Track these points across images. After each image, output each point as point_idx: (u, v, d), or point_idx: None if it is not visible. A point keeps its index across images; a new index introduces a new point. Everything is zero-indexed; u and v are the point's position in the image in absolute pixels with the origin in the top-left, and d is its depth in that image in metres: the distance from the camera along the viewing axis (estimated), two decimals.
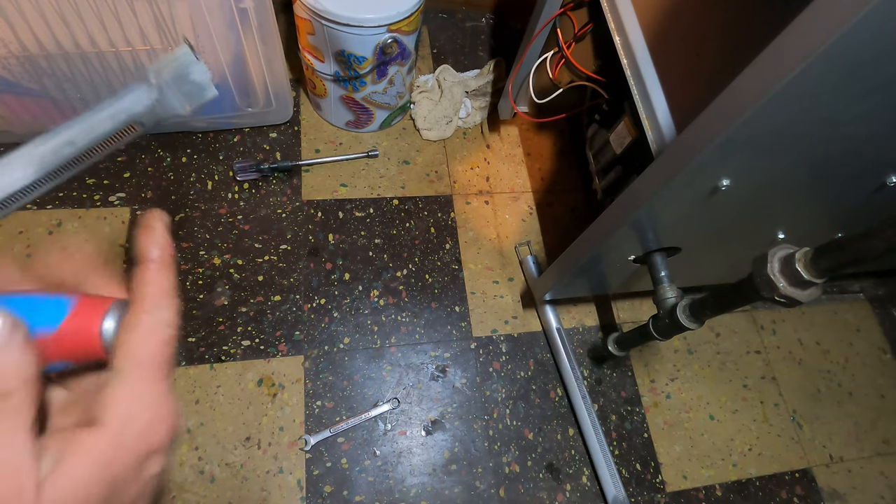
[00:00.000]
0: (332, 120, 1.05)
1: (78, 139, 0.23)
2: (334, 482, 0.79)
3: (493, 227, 1.03)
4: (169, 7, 0.74)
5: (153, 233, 0.22)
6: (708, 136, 0.45)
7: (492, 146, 1.12)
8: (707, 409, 0.96)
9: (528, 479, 0.84)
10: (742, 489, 0.91)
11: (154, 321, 0.21)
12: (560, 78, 0.94)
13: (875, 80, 0.39)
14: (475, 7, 1.26)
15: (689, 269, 0.80)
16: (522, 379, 0.91)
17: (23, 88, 0.80)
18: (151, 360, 0.20)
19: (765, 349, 1.05)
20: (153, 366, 0.20)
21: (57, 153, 0.23)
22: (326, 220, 0.97)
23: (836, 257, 0.43)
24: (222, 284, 0.88)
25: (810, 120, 0.43)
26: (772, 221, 0.67)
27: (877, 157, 0.53)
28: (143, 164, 0.94)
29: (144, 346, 0.20)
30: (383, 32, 0.82)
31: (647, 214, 0.58)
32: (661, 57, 0.62)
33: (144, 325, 0.21)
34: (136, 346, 0.20)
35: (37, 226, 0.86)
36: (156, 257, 0.22)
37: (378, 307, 0.92)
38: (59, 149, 0.23)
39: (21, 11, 0.70)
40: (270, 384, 0.83)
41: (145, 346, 0.20)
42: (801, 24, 0.36)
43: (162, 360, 0.21)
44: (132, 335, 0.20)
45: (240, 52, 0.84)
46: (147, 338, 0.20)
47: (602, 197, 0.89)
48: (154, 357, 0.20)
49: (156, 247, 0.22)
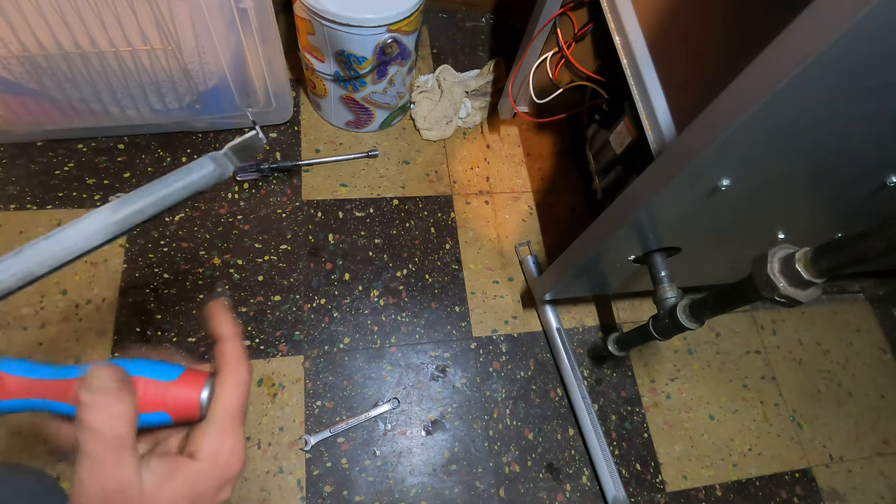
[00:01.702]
0: (332, 120, 1.05)
1: (147, 209, 0.28)
2: (334, 482, 0.79)
3: (493, 227, 1.03)
4: (169, 7, 0.74)
5: (222, 316, 0.29)
6: (708, 136, 0.45)
7: (492, 146, 1.12)
8: (707, 409, 0.96)
9: (528, 479, 0.84)
10: (742, 489, 0.91)
11: (235, 381, 0.27)
12: (560, 78, 0.94)
13: (875, 80, 0.39)
14: (475, 7, 1.26)
15: (689, 269, 0.80)
16: (522, 379, 0.91)
17: (23, 88, 0.80)
18: (233, 412, 0.27)
19: (765, 349, 1.05)
20: (234, 416, 0.27)
21: (129, 220, 0.27)
22: (326, 220, 0.97)
23: (836, 257, 0.43)
24: (222, 284, 0.88)
25: (810, 120, 0.43)
26: (772, 221, 0.67)
27: (877, 157, 0.53)
28: (143, 164, 0.94)
29: (229, 401, 0.27)
30: (383, 32, 0.82)
31: (647, 214, 0.58)
32: (661, 57, 0.62)
33: (229, 385, 0.27)
34: (224, 400, 0.27)
35: (37, 226, 0.86)
36: (229, 334, 0.29)
37: (378, 307, 0.92)
38: (131, 216, 0.27)
39: (21, 11, 0.70)
40: (270, 384, 0.83)
41: (229, 400, 0.27)
42: (802, 24, 0.36)
43: (240, 412, 0.27)
44: (220, 391, 0.27)
45: (240, 52, 0.84)
46: (231, 394, 0.27)
47: (602, 197, 0.89)
48: (235, 409, 0.27)
49: (226, 326, 0.29)
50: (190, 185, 0.28)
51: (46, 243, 0.25)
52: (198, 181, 0.29)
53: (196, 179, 0.29)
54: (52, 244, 0.25)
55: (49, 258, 0.25)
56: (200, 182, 0.29)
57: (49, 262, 0.25)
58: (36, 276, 0.26)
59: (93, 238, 0.26)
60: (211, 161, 0.29)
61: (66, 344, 0.80)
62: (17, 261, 0.25)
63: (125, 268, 0.86)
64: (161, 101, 0.88)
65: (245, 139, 0.30)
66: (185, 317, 0.85)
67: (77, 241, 0.26)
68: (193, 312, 0.85)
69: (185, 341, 0.83)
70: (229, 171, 0.30)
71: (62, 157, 0.92)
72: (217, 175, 0.29)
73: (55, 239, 0.26)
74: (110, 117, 0.89)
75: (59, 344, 0.80)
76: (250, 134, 0.30)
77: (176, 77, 0.84)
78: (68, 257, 0.26)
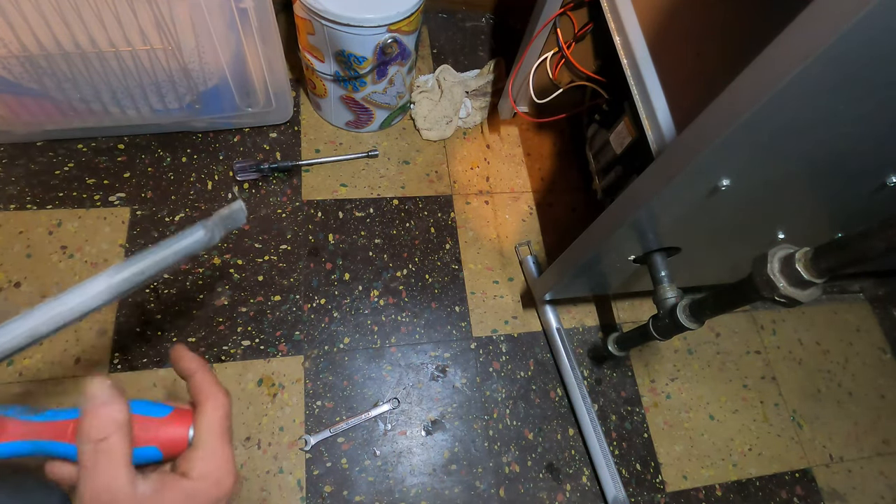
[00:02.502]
0: (332, 120, 1.05)
1: (146, 271, 0.31)
2: (334, 482, 0.79)
3: (493, 227, 1.03)
4: (169, 7, 0.74)
5: (185, 356, 0.31)
6: (708, 136, 0.45)
7: (492, 146, 1.12)
8: (707, 409, 0.96)
9: (528, 479, 0.84)
10: (742, 489, 0.91)
11: (213, 405, 0.29)
12: (560, 78, 0.94)
13: (875, 80, 0.39)
14: (475, 7, 1.26)
15: (689, 269, 0.80)
16: (522, 379, 0.91)
17: (23, 88, 0.80)
18: (218, 431, 0.29)
19: (765, 349, 1.05)
20: (220, 436, 0.29)
21: (127, 281, 0.30)
22: (326, 220, 0.97)
23: (836, 257, 0.43)
24: (222, 284, 0.88)
25: (810, 120, 0.43)
26: (772, 221, 0.67)
27: (877, 157, 0.53)
28: (143, 164, 0.94)
29: (212, 423, 0.29)
30: (383, 32, 0.82)
31: (647, 214, 0.58)
32: (661, 57, 0.62)
33: (209, 408, 0.29)
34: (206, 423, 0.29)
35: (37, 226, 0.86)
36: (197, 367, 0.31)
37: (378, 307, 0.92)
38: (132, 278, 0.30)
39: (21, 11, 0.70)
40: (270, 384, 0.83)
41: (212, 422, 0.29)
42: (801, 24, 0.36)
43: (225, 431, 0.29)
44: (201, 417, 0.29)
45: (240, 52, 0.84)
46: (212, 416, 0.29)
47: (602, 197, 0.89)
48: (220, 429, 0.29)
49: (192, 362, 0.31)
50: (182, 249, 0.32)
51: (54, 303, 0.28)
52: (190, 246, 0.32)
53: (189, 244, 0.32)
54: (59, 304, 0.28)
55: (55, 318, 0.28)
56: (192, 247, 0.32)
57: (55, 321, 0.28)
58: (42, 335, 0.28)
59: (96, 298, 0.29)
60: (202, 228, 0.33)
61: (66, 344, 0.80)
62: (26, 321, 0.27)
63: None
64: (161, 101, 0.88)
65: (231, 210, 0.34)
66: (185, 317, 0.85)
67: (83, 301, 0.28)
68: (193, 312, 0.85)
69: (184, 341, 0.83)
70: (216, 238, 0.34)
71: (62, 157, 0.92)
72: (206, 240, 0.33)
73: (61, 300, 0.28)
74: (110, 117, 0.89)
75: (58, 344, 0.80)
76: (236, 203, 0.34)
77: (176, 77, 0.84)
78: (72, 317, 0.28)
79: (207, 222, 0.33)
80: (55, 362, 0.79)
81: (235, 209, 0.34)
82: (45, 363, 0.78)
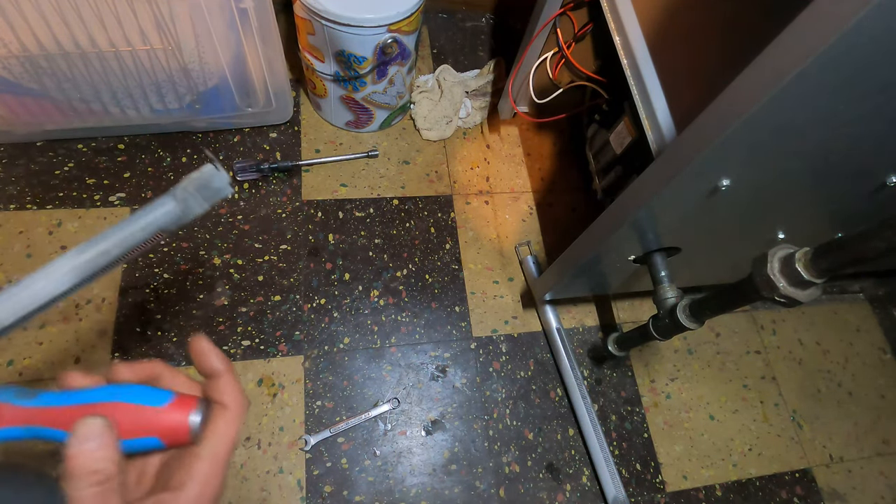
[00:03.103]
0: (332, 120, 1.05)
1: (112, 250, 0.27)
2: (334, 482, 0.79)
3: (493, 227, 1.03)
4: (169, 7, 0.75)
5: (212, 353, 0.29)
6: (708, 136, 0.45)
7: (492, 146, 1.12)
8: (707, 409, 0.96)
9: (528, 479, 0.84)
10: (742, 489, 0.91)
11: (234, 414, 0.28)
12: (560, 78, 0.94)
13: (875, 80, 0.39)
14: (475, 7, 1.26)
15: (689, 269, 0.80)
16: (522, 379, 0.91)
17: (23, 88, 0.80)
18: (230, 443, 0.27)
19: (765, 349, 1.05)
20: (230, 447, 0.27)
21: (92, 262, 0.27)
22: (326, 220, 0.97)
23: (836, 257, 0.43)
24: (222, 284, 0.88)
25: (810, 120, 0.43)
26: (772, 221, 0.67)
27: (877, 157, 0.53)
28: (143, 164, 0.94)
29: (223, 436, 0.27)
30: (383, 32, 0.82)
31: (647, 214, 0.58)
32: (661, 57, 0.62)
33: (230, 416, 0.28)
34: (221, 434, 0.27)
35: (37, 226, 0.86)
36: (224, 369, 0.29)
37: (378, 307, 0.92)
38: (95, 259, 0.27)
39: (21, 11, 0.70)
40: (270, 384, 0.83)
41: (224, 435, 0.27)
42: (801, 24, 0.36)
43: (233, 446, 0.28)
44: (219, 422, 0.27)
45: (240, 52, 0.84)
46: (229, 427, 0.28)
47: (602, 197, 0.89)
48: (228, 445, 0.27)
49: (220, 361, 0.29)
50: (150, 223, 0.28)
51: (15, 289, 0.25)
52: (160, 219, 0.28)
53: (158, 217, 0.28)
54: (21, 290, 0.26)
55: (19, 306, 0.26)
56: (163, 220, 0.28)
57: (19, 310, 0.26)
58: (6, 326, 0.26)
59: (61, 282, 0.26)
60: (171, 198, 0.29)
61: (66, 344, 0.80)
62: None
63: (125, 268, 0.86)
64: (161, 101, 0.88)
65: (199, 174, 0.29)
66: (185, 317, 0.85)
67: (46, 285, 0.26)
68: (193, 312, 0.85)
69: (185, 341, 0.83)
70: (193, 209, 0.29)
71: (62, 157, 0.92)
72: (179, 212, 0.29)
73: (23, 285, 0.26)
74: (110, 117, 0.89)
75: (58, 344, 0.80)
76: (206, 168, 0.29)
77: (176, 77, 0.84)
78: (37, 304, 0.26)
79: (177, 191, 0.29)
80: (55, 362, 0.79)
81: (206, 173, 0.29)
82: (45, 363, 0.78)
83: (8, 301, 0.25)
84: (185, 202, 0.29)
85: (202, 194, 0.29)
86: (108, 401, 0.26)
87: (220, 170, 0.29)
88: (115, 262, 0.28)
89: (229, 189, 0.30)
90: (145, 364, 0.29)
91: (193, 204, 0.29)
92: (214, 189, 0.29)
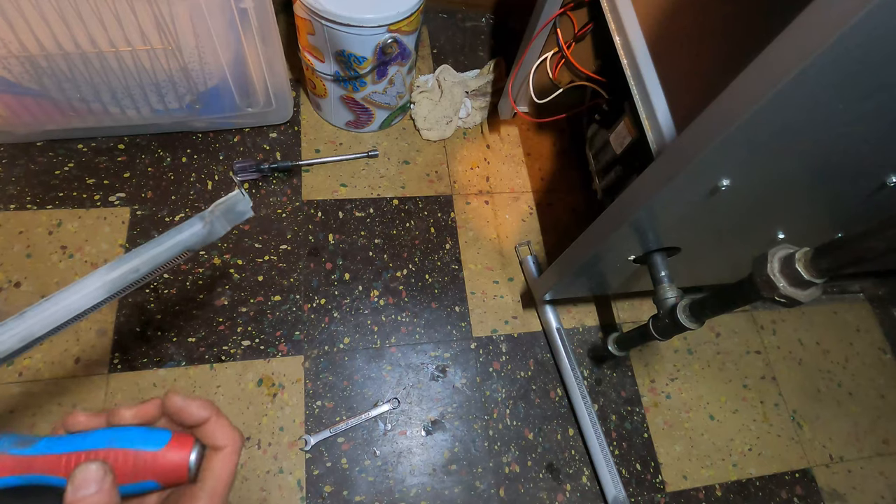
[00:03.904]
0: (332, 120, 1.05)
1: (142, 267, 0.29)
2: (334, 482, 0.79)
3: (493, 227, 1.03)
4: (169, 7, 0.75)
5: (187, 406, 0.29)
6: (708, 136, 0.45)
7: (492, 146, 1.12)
8: (707, 409, 0.96)
9: (528, 479, 0.84)
10: (742, 489, 0.91)
11: (233, 449, 0.29)
12: (560, 78, 0.94)
13: (875, 80, 0.39)
14: (475, 7, 1.26)
15: (689, 269, 0.80)
16: (522, 379, 0.91)
17: (23, 88, 0.80)
18: (228, 480, 0.28)
19: (765, 349, 1.05)
20: (228, 484, 0.28)
21: (122, 278, 0.28)
22: (326, 220, 0.97)
23: (836, 257, 0.43)
24: (222, 284, 0.88)
25: (810, 120, 0.43)
26: (772, 221, 0.67)
27: (877, 157, 0.53)
28: (143, 164, 0.94)
29: (220, 474, 0.28)
30: (383, 32, 0.82)
31: (647, 214, 0.58)
32: (661, 57, 0.62)
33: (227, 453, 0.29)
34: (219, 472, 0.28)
35: (37, 226, 0.86)
36: (206, 414, 0.29)
37: (378, 307, 0.92)
38: (126, 275, 0.29)
39: (21, 11, 0.70)
40: (270, 384, 0.83)
41: (226, 468, 0.28)
42: (801, 24, 0.36)
43: (231, 481, 0.29)
44: (216, 461, 0.28)
45: (240, 52, 0.84)
46: (226, 464, 0.28)
47: (602, 197, 0.89)
48: (229, 476, 0.28)
49: (203, 409, 0.29)
50: (179, 243, 0.30)
51: (48, 304, 0.27)
52: (187, 239, 0.30)
53: (186, 238, 0.30)
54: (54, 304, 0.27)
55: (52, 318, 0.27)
56: (190, 240, 0.30)
57: (52, 322, 0.27)
58: (38, 337, 0.26)
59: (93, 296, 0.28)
60: (199, 220, 0.31)
61: (66, 344, 0.80)
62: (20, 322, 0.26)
63: None
64: (161, 101, 0.88)
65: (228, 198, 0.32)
66: (185, 317, 0.85)
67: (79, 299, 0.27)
68: (193, 312, 0.85)
69: (185, 341, 0.83)
70: (217, 231, 0.31)
71: (62, 157, 0.92)
72: (205, 233, 0.31)
73: (57, 299, 0.27)
74: (110, 117, 0.89)
75: (58, 344, 0.80)
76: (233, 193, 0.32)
77: (176, 77, 0.84)
78: (69, 316, 0.27)
79: (205, 214, 0.31)
80: (55, 362, 0.79)
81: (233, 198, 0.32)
82: (45, 363, 0.78)
83: (42, 314, 0.27)
84: (212, 224, 0.31)
85: (227, 217, 0.32)
86: (105, 447, 0.27)
87: (245, 196, 0.32)
88: (143, 278, 0.29)
89: (251, 213, 0.32)
90: (147, 405, 0.30)
91: (218, 226, 0.31)
92: (238, 213, 0.32)
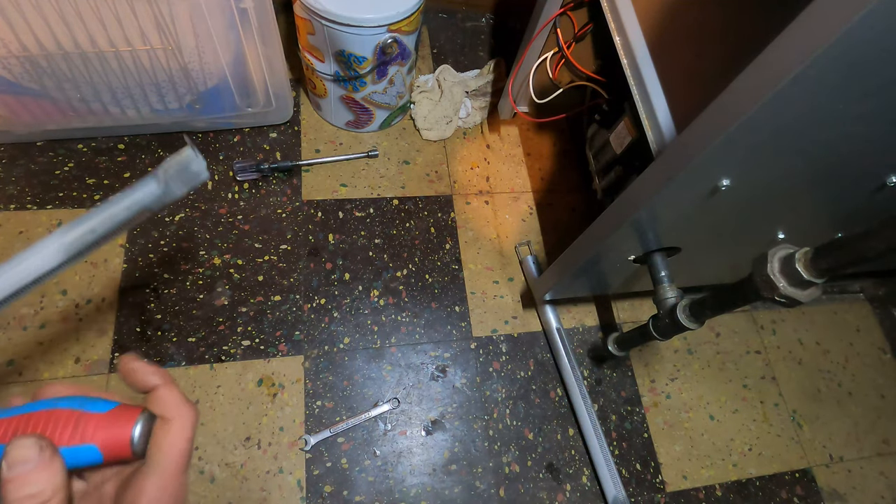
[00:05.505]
0: (332, 120, 1.05)
1: (98, 227, 0.28)
2: (334, 482, 0.79)
3: (493, 227, 1.03)
4: (169, 7, 0.74)
5: (143, 369, 0.27)
6: (708, 136, 0.45)
7: (492, 146, 1.12)
8: (707, 409, 0.96)
9: (528, 479, 0.84)
10: (742, 489, 0.91)
11: (181, 425, 0.26)
12: (560, 78, 0.94)
13: (875, 80, 0.39)
14: (475, 7, 1.26)
15: (689, 269, 0.80)
16: (522, 379, 0.91)
17: (23, 88, 0.80)
18: (178, 457, 0.25)
19: (765, 349, 1.05)
20: (179, 462, 0.25)
21: (80, 240, 0.28)
22: (326, 220, 0.97)
23: (836, 257, 0.43)
24: (222, 284, 0.88)
25: (810, 120, 0.43)
26: (772, 221, 0.67)
27: (877, 157, 0.53)
28: (143, 164, 0.94)
29: (173, 445, 0.25)
30: (383, 32, 0.82)
31: (647, 214, 0.58)
32: (661, 57, 0.62)
33: (174, 428, 0.26)
34: (168, 445, 0.25)
35: (37, 226, 0.86)
36: (161, 381, 0.27)
37: (378, 307, 0.92)
38: (83, 236, 0.28)
39: (21, 11, 0.70)
40: (270, 384, 0.83)
41: (174, 445, 0.25)
42: (801, 25, 0.36)
43: (186, 457, 0.26)
44: (163, 436, 0.25)
45: (240, 52, 0.84)
46: (175, 437, 0.26)
47: (602, 197, 0.89)
48: (180, 454, 0.25)
49: (153, 376, 0.27)
50: (134, 202, 0.29)
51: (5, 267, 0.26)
52: (143, 198, 0.30)
53: (141, 197, 0.30)
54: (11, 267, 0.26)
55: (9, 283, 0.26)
56: (146, 199, 0.30)
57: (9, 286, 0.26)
58: None
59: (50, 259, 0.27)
60: (153, 179, 0.30)
61: (66, 344, 0.80)
62: None
63: (125, 267, 0.86)
64: (161, 101, 0.88)
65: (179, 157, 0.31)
66: (185, 317, 0.85)
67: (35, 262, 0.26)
68: (193, 312, 0.85)
69: (185, 341, 0.83)
70: (175, 192, 0.31)
71: (62, 157, 0.92)
72: (160, 192, 0.30)
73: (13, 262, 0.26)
74: (110, 117, 0.89)
75: (58, 344, 0.80)
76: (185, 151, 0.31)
77: (176, 77, 0.84)
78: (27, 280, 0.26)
79: (158, 172, 0.30)
80: (55, 362, 0.79)
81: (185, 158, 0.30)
82: (44, 363, 0.78)
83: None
84: (167, 184, 0.30)
85: (182, 178, 0.31)
86: (48, 408, 0.25)
87: (199, 155, 0.31)
88: (102, 239, 0.29)
89: (206, 174, 0.31)
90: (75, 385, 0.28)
91: (174, 187, 0.31)
92: (193, 173, 0.31)
